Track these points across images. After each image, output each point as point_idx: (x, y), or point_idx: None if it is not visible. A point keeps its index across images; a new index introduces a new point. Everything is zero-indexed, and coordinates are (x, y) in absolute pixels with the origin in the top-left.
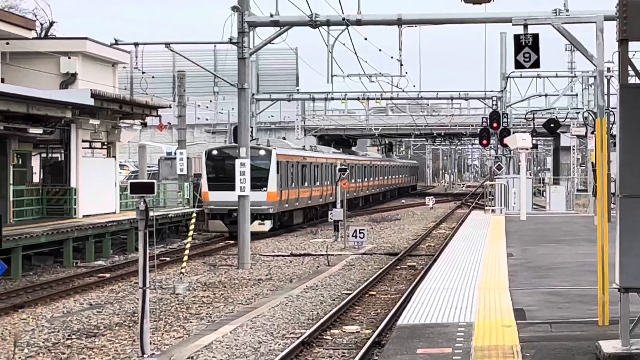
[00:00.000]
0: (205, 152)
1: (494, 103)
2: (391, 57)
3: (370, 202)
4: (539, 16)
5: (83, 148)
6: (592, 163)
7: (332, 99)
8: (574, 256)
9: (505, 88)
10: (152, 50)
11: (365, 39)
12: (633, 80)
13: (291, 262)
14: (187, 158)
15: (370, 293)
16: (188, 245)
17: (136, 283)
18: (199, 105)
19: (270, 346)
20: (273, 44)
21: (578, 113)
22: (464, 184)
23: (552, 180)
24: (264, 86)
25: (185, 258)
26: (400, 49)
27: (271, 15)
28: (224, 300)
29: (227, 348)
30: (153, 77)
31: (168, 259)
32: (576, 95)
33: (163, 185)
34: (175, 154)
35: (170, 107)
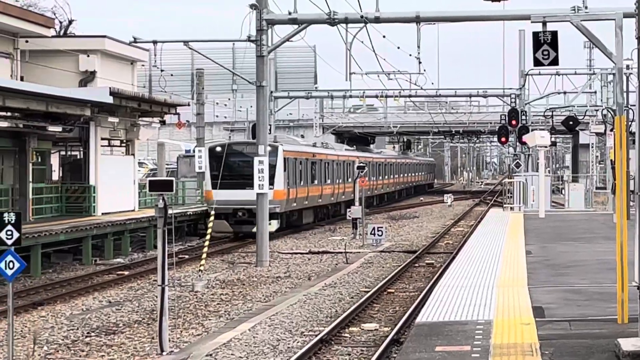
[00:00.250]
0: (208, 149)
1: (513, 100)
2: (409, 55)
3: (385, 201)
4: (558, 13)
5: (102, 146)
6: (611, 160)
7: (351, 96)
8: (593, 254)
9: (523, 85)
10: (171, 48)
11: (384, 37)
12: None
13: (309, 260)
14: None
15: (389, 291)
16: (207, 243)
17: (155, 281)
18: (217, 103)
19: (288, 344)
20: (291, 41)
21: (597, 110)
22: (482, 182)
23: (571, 178)
24: (283, 84)
25: (204, 256)
26: (418, 47)
27: (289, 13)
28: (243, 298)
29: (246, 345)
30: (172, 75)
31: (187, 256)
32: (595, 92)
33: (182, 183)
34: (193, 151)
35: (188, 105)
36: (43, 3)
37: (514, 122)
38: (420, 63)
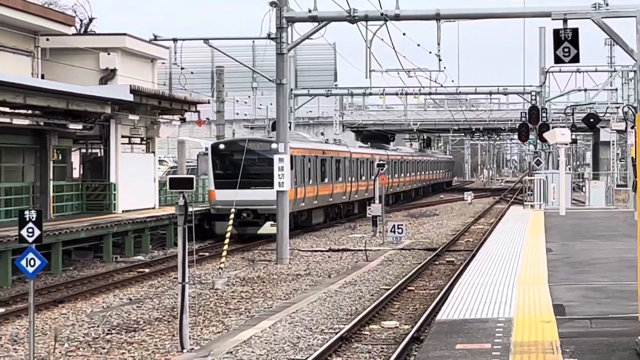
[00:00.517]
0: (210, 146)
1: (533, 98)
2: (429, 52)
3: (401, 200)
4: (579, 10)
5: (122, 143)
6: (632, 158)
7: (371, 94)
8: (614, 251)
9: (544, 83)
10: (191, 45)
11: (404, 34)
12: None
13: (330, 258)
14: None
15: (409, 288)
16: (227, 241)
17: (175, 278)
18: (237, 101)
19: (309, 341)
20: (311, 39)
21: (618, 108)
22: (502, 179)
23: (592, 176)
24: (302, 82)
25: (224, 253)
26: (438, 44)
27: (309, 11)
28: (263, 296)
29: (266, 343)
30: (192, 73)
31: (207, 254)
32: (616, 89)
33: (202, 180)
34: None
35: (209, 103)
36: (63, 1)
37: (534, 120)
38: (440, 60)
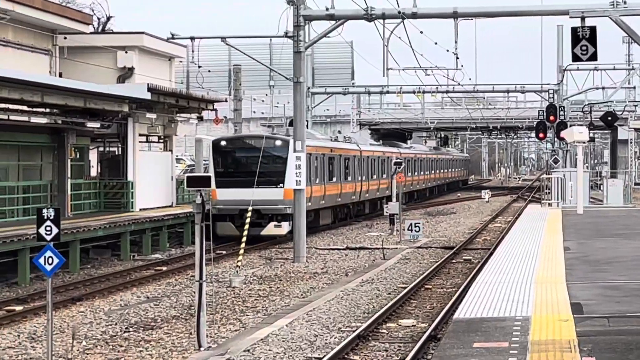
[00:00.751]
0: (212, 143)
1: (551, 96)
2: (447, 50)
3: (415, 199)
4: (597, 8)
5: (140, 142)
6: None
7: (388, 92)
8: (632, 250)
9: (561, 81)
10: (208, 44)
11: (421, 32)
12: None
13: (347, 256)
14: None
15: (426, 287)
16: (244, 239)
17: (193, 276)
18: (254, 99)
19: (326, 339)
20: (328, 37)
21: (636, 106)
22: (520, 178)
23: (610, 174)
24: (320, 80)
25: (242, 251)
26: (456, 42)
27: (327, 9)
28: (280, 294)
29: (283, 341)
30: (209, 71)
31: (224, 252)
32: (634, 87)
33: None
34: None
35: (226, 101)
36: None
37: (552, 118)
38: (457, 58)
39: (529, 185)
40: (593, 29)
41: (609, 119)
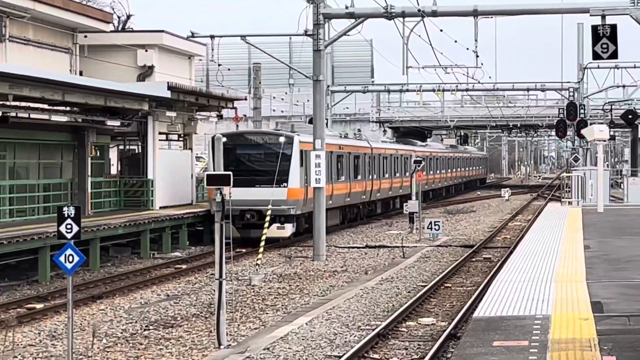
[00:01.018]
0: (211, 139)
1: (571, 94)
2: (467, 49)
3: (430, 199)
4: (617, 6)
5: (160, 140)
6: None
7: (407, 90)
8: None
9: (582, 79)
10: (228, 42)
11: (441, 31)
12: None
13: (366, 254)
14: None
15: (446, 285)
16: (264, 237)
17: (212, 274)
18: (274, 97)
19: (345, 338)
20: (348, 35)
21: None
22: (540, 176)
23: (630, 172)
24: (339, 78)
25: (261, 250)
26: (476, 40)
27: (346, 7)
28: (300, 292)
29: (303, 339)
30: (229, 70)
31: (244, 250)
32: None
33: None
34: None
35: (245, 99)
36: None
37: (572, 116)
38: (477, 57)
39: (549, 183)
40: (614, 27)
41: (630, 117)
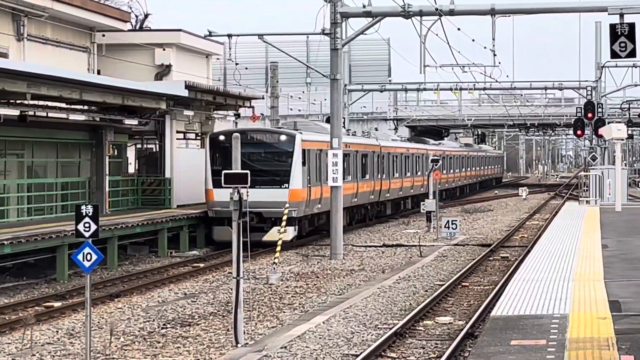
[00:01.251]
0: (209, 137)
1: (589, 93)
2: (484, 47)
3: (444, 198)
4: (635, 5)
5: (177, 139)
6: None
7: (425, 89)
8: None
9: (600, 78)
10: (245, 41)
11: (459, 29)
12: None
13: (383, 253)
14: None
15: (463, 284)
16: (281, 236)
17: (230, 273)
18: (291, 96)
19: (362, 336)
20: (365, 34)
21: None
22: (557, 175)
23: None
24: (356, 77)
25: (279, 248)
26: (493, 39)
27: (364, 6)
28: (317, 291)
29: (320, 338)
30: (246, 69)
31: (261, 249)
32: None
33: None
34: None
35: (263, 98)
36: None
37: (590, 115)
38: (495, 55)
39: (566, 182)
40: (632, 26)
41: None
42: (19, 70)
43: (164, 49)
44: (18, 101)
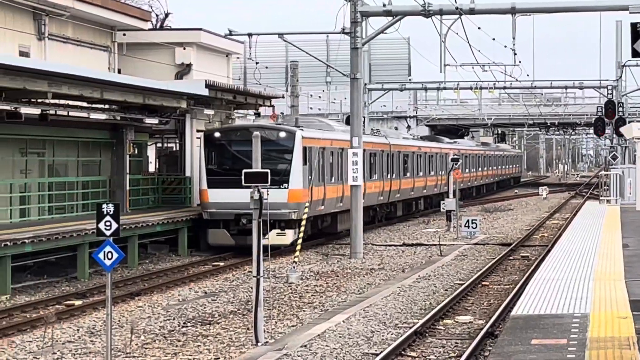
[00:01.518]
0: (203, 135)
1: (609, 92)
2: (505, 46)
3: (459, 199)
4: None
5: (197, 138)
6: None
7: (445, 88)
8: None
9: (620, 77)
10: (266, 40)
11: (479, 28)
12: None
13: (403, 252)
14: None
15: (483, 283)
16: (301, 235)
17: (250, 272)
18: (311, 95)
19: (382, 335)
20: (385, 33)
21: None
22: (578, 174)
23: None
24: (376, 76)
25: (299, 247)
26: (514, 38)
27: (384, 5)
28: (337, 290)
29: (340, 337)
30: (266, 68)
31: (281, 247)
32: None
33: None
34: None
35: (283, 97)
36: None
37: (610, 114)
38: (515, 54)
39: (587, 182)
40: None
41: None
42: (40, 70)
43: (184, 48)
44: (39, 100)
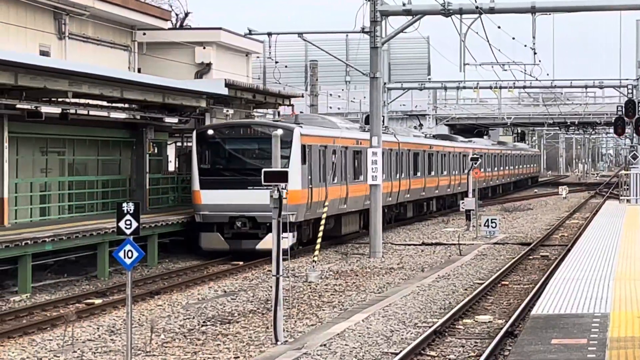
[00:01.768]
0: (195, 133)
1: (630, 91)
2: (524, 46)
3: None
4: None
5: None
6: None
7: (464, 87)
8: None
9: None
10: (285, 39)
11: (499, 27)
12: None
13: (422, 252)
14: None
15: (503, 283)
16: (320, 234)
17: (269, 271)
18: (331, 95)
19: (402, 335)
20: (405, 33)
21: None
22: (597, 174)
23: None
24: (396, 75)
25: (318, 246)
26: (534, 37)
27: (403, 5)
28: (356, 289)
29: (360, 336)
30: (286, 67)
31: (301, 247)
32: None
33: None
34: None
35: (302, 97)
36: None
37: (630, 114)
38: (535, 54)
39: (607, 181)
40: None
41: None
42: (61, 69)
43: (204, 48)
44: (59, 99)
